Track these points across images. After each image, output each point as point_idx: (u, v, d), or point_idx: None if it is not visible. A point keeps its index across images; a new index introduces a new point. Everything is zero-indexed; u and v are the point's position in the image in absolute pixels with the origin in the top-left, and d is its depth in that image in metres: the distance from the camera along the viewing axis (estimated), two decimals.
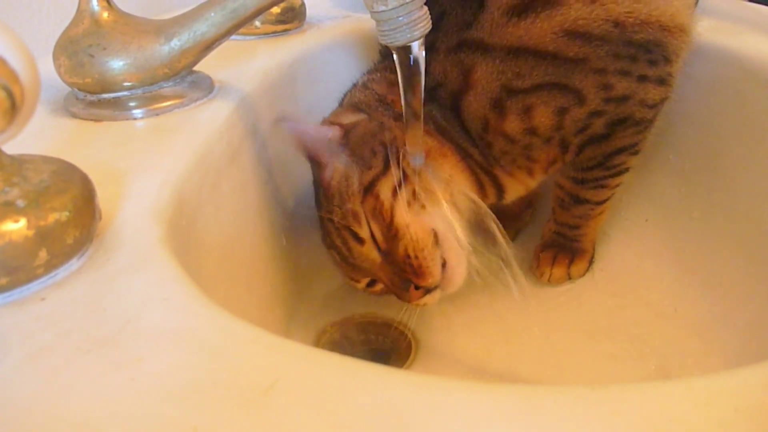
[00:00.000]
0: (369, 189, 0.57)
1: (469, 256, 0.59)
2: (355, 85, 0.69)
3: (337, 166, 0.59)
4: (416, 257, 0.56)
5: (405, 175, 0.58)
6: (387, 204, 0.57)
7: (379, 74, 0.68)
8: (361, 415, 0.26)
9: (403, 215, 0.57)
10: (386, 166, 0.58)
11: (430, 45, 0.56)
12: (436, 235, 0.58)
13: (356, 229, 0.57)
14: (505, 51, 0.59)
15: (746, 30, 0.73)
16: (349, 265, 0.61)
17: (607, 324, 0.71)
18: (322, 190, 0.60)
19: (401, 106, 0.59)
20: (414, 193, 0.57)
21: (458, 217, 0.60)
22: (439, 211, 0.58)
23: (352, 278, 0.64)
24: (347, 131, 0.61)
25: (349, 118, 0.63)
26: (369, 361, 0.30)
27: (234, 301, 0.52)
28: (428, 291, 0.58)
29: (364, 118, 0.62)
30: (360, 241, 0.58)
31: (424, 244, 0.57)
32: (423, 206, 0.57)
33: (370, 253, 0.58)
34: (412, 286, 0.58)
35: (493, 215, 0.60)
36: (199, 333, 0.31)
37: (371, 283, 0.63)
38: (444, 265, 0.58)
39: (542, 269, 0.77)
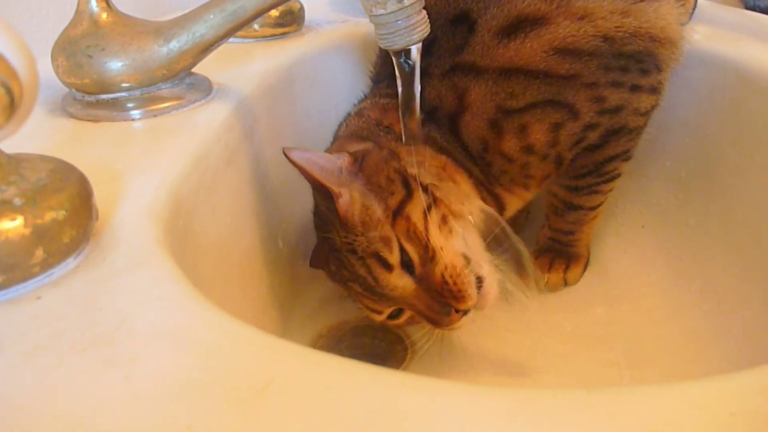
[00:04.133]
0: (398, 212, 0.56)
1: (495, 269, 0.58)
2: (348, 116, 0.69)
3: (354, 194, 0.57)
4: (454, 283, 0.55)
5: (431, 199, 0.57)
6: (420, 226, 0.55)
7: (370, 101, 0.68)
8: (356, 416, 0.26)
9: (438, 237, 0.56)
10: (408, 191, 0.57)
11: (423, 70, 0.56)
12: (465, 257, 0.57)
13: (385, 255, 0.55)
14: (497, 72, 0.59)
15: (744, 38, 0.73)
16: (375, 296, 0.58)
17: (603, 329, 0.71)
18: (339, 221, 0.58)
19: (400, 128, 0.59)
20: (443, 217, 0.57)
21: (479, 234, 0.59)
22: (466, 232, 0.58)
23: (373, 310, 0.61)
24: (357, 159, 0.59)
25: (354, 147, 0.61)
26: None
27: (229, 303, 0.52)
28: (465, 313, 0.57)
29: (372, 146, 0.61)
30: (388, 267, 0.56)
31: (460, 269, 0.55)
32: (451, 230, 0.57)
33: (399, 280, 0.56)
34: (452, 310, 0.56)
35: (504, 221, 0.60)
36: (195, 332, 0.31)
37: (394, 315, 0.61)
38: (480, 283, 0.57)
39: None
